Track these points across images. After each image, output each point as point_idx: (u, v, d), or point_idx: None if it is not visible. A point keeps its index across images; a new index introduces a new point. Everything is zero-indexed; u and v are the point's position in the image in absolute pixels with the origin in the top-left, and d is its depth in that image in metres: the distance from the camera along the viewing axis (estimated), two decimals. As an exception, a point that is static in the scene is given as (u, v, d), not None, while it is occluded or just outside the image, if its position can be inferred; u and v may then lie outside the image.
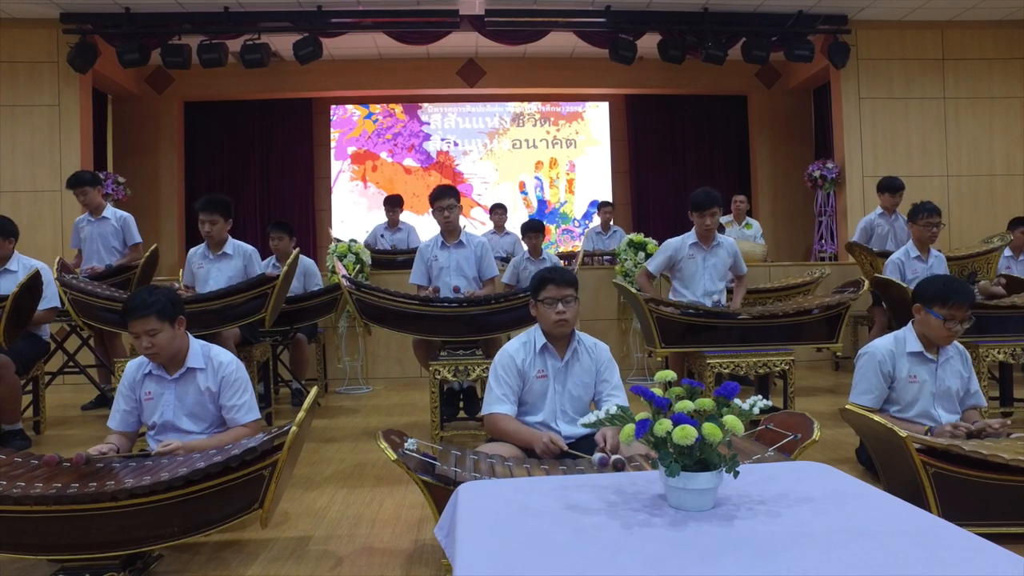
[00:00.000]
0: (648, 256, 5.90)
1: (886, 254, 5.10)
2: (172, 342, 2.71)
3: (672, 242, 4.62)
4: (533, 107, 10.04)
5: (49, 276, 4.39)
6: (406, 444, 2.17)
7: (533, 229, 6.13)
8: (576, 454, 2.41)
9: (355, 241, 6.34)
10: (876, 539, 1.38)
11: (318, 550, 2.64)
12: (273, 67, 8.14)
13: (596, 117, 10.08)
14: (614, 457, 2.18)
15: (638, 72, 8.89)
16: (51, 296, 4.40)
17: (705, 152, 10.00)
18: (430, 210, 4.63)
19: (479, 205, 9.86)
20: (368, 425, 4.77)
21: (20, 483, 2.21)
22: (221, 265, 4.53)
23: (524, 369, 2.71)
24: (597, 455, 2.20)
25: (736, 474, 1.55)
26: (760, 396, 1.67)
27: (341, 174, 9.90)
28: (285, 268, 4.36)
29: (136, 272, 5.17)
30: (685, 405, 1.58)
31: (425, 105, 9.91)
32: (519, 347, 2.75)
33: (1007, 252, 5.77)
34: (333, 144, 9.87)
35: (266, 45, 7.62)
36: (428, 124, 9.94)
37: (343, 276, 4.41)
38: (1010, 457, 2.37)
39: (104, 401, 5.30)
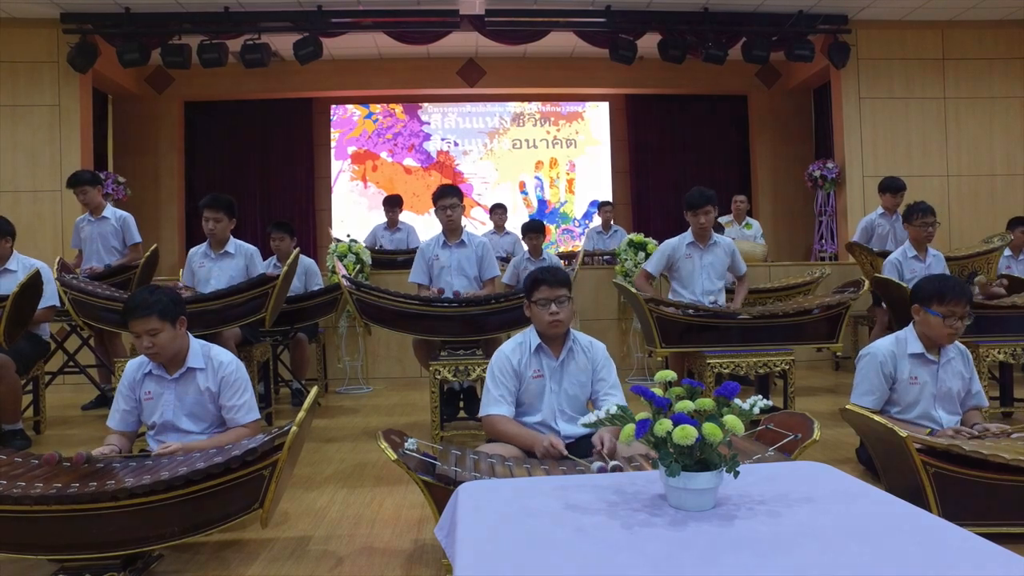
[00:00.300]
0: (648, 256, 5.90)
1: (886, 254, 5.09)
2: (173, 342, 2.71)
3: (670, 242, 4.62)
4: (533, 107, 10.04)
5: (48, 275, 4.39)
6: (406, 444, 2.17)
7: (533, 229, 6.12)
8: (577, 459, 2.39)
9: (355, 241, 6.33)
10: (876, 539, 1.38)
11: (318, 550, 2.64)
12: (273, 67, 8.14)
13: (596, 117, 10.08)
14: (612, 463, 2.17)
15: (638, 72, 8.89)
16: (50, 295, 4.40)
17: (705, 152, 9.99)
18: (431, 210, 4.63)
19: (479, 205, 9.85)
20: (368, 425, 4.77)
21: (20, 483, 2.20)
22: (223, 264, 4.54)
23: (520, 369, 2.71)
24: (596, 463, 2.18)
25: (736, 474, 1.55)
26: (760, 396, 1.67)
27: (341, 174, 9.90)
28: (285, 268, 4.36)
29: (136, 272, 5.18)
30: (685, 405, 1.58)
31: (425, 105, 9.91)
32: (514, 348, 2.75)
33: (1007, 252, 5.77)
34: (333, 144, 9.87)
35: (266, 45, 7.62)
36: (428, 124, 9.94)
37: (343, 276, 4.41)
38: (1011, 457, 2.37)
39: (104, 401, 5.30)
